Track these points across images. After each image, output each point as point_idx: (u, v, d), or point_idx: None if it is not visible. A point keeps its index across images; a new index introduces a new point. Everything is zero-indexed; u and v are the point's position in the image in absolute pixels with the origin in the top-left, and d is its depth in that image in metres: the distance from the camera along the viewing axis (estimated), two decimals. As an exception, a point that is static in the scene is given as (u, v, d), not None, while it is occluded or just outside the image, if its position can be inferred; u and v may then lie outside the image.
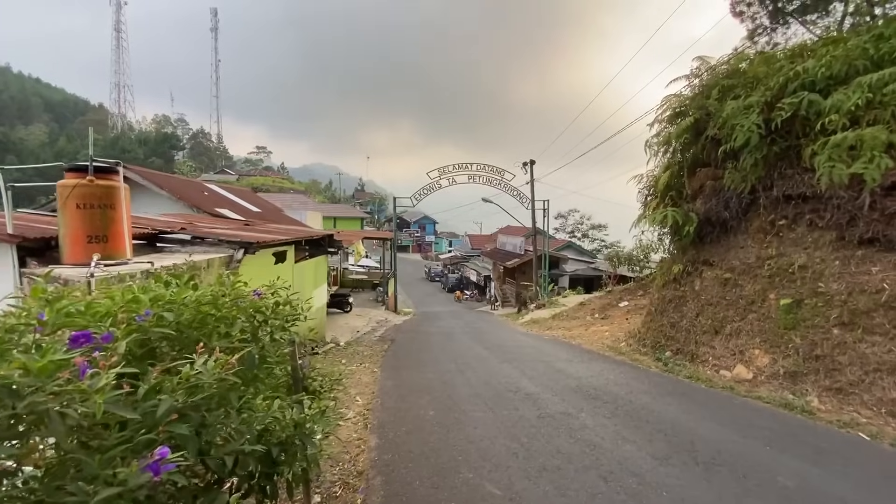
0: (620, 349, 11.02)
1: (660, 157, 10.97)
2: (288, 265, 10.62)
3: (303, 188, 74.51)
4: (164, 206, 13.51)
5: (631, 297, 16.52)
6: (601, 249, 44.81)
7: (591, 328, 14.59)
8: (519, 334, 14.49)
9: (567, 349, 11.22)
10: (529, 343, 12.29)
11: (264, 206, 19.90)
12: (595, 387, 7.22)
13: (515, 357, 9.87)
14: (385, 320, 19.92)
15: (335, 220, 43.52)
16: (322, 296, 13.53)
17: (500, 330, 15.70)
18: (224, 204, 15.43)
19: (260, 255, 9.14)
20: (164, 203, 13.52)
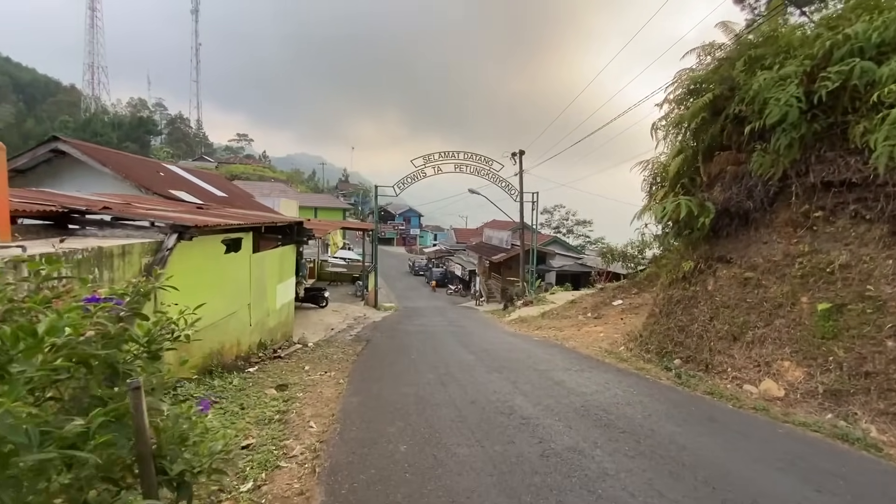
0: (621, 355, 9.77)
1: (669, 140, 9.70)
2: (243, 256, 9.06)
3: (284, 177, 72.04)
4: (109, 185, 11.76)
5: (625, 295, 15.35)
6: (586, 245, 43.93)
7: (584, 328, 13.35)
8: (507, 335, 13.17)
9: (562, 354, 9.92)
10: (519, 346, 10.97)
11: (233, 191, 18.16)
12: (604, 407, 5.90)
13: (505, 365, 8.52)
14: (363, 317, 18.43)
15: (316, 211, 41.65)
16: (289, 291, 11.99)
17: (487, 329, 14.37)
18: (182, 186, 13.70)
19: (204, 244, 7.58)
20: (108, 182, 11.77)
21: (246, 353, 9.19)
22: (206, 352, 7.62)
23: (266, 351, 9.91)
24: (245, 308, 9.24)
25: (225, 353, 8.32)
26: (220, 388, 6.62)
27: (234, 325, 8.67)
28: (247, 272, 9.26)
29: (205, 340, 7.64)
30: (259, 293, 9.89)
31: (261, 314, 10.01)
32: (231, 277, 8.57)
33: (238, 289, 8.92)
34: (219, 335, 8.08)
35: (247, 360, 8.98)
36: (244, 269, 9.16)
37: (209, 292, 7.79)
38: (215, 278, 7.96)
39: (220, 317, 8.14)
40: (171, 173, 15.04)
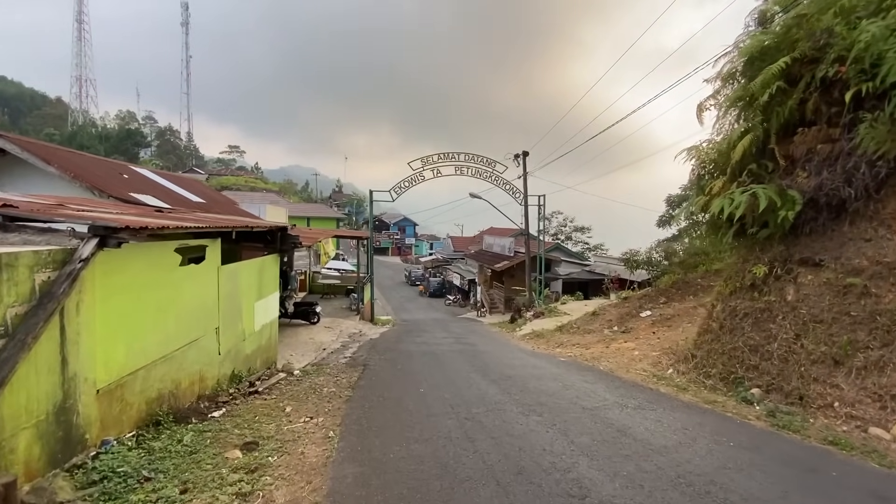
0: (673, 380, 7.94)
1: (728, 121, 7.98)
2: (207, 268, 7.15)
3: (277, 188, 70.05)
4: (58, 187, 9.83)
5: (652, 305, 13.56)
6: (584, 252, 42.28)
7: (614, 345, 11.53)
8: (525, 354, 11.30)
9: (602, 381, 8.07)
10: (547, 370, 9.10)
11: (213, 197, 16.22)
12: (711, 478, 4.05)
13: (541, 400, 6.65)
14: (359, 333, 16.48)
15: (308, 221, 39.70)
16: (272, 308, 10.07)
17: (500, 347, 12.49)
18: (149, 190, 11.77)
19: (149, 253, 5.68)
20: (56, 184, 9.84)
21: (213, 391, 7.24)
22: (151, 396, 5.69)
23: (240, 385, 7.96)
24: (212, 333, 7.31)
25: (181, 394, 6.38)
26: (162, 453, 4.68)
27: (195, 357, 6.74)
28: (214, 288, 7.35)
29: (150, 381, 5.72)
30: (231, 313, 7.97)
31: (234, 339, 8.08)
32: (191, 296, 6.66)
33: (201, 310, 7.00)
34: (172, 371, 6.15)
35: (213, 399, 7.03)
36: (210, 285, 7.24)
37: (157, 317, 5.87)
38: (167, 298, 6.05)
39: (175, 347, 6.21)
40: (139, 176, 13.10)
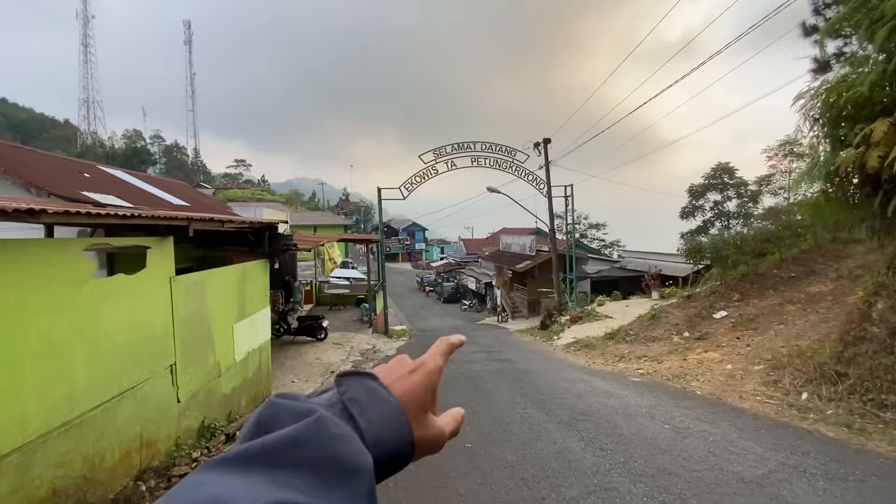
0: (822, 411, 5.46)
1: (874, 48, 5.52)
2: (151, 280, 4.83)
3: (283, 199, 68.31)
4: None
5: (725, 303, 11.03)
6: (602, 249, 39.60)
7: (692, 356, 9.02)
8: (581, 372, 8.83)
9: (715, 414, 5.60)
10: (626, 398, 6.64)
11: (200, 200, 14.00)
12: None
13: (660, 463, 4.22)
14: (372, 349, 14.10)
15: (315, 228, 37.58)
16: (261, 329, 7.74)
17: (545, 363, 10.02)
18: (112, 189, 9.55)
19: (31, 258, 3.39)
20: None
21: (167, 458, 4.89)
22: (37, 496, 3.36)
23: (213, 440, 5.61)
24: (162, 375, 4.97)
25: (105, 476, 4.03)
26: None
27: (131, 414, 4.40)
28: (163, 309, 5.02)
29: (34, 469, 3.39)
30: (196, 343, 5.63)
31: (202, 378, 5.74)
32: (118, 322, 4.33)
33: (141, 342, 4.66)
34: (85, 444, 3.81)
35: (165, 473, 4.68)
36: (156, 305, 4.91)
37: (47, 361, 3.55)
38: (67, 328, 3.74)
39: (88, 406, 3.88)
40: (107, 177, 10.90)
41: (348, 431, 0.39)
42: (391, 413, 0.44)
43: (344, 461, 0.36)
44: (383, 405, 0.44)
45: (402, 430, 0.44)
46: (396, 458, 0.44)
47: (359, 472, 0.36)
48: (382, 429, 0.42)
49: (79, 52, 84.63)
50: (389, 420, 0.43)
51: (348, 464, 0.36)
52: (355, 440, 0.39)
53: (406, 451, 0.44)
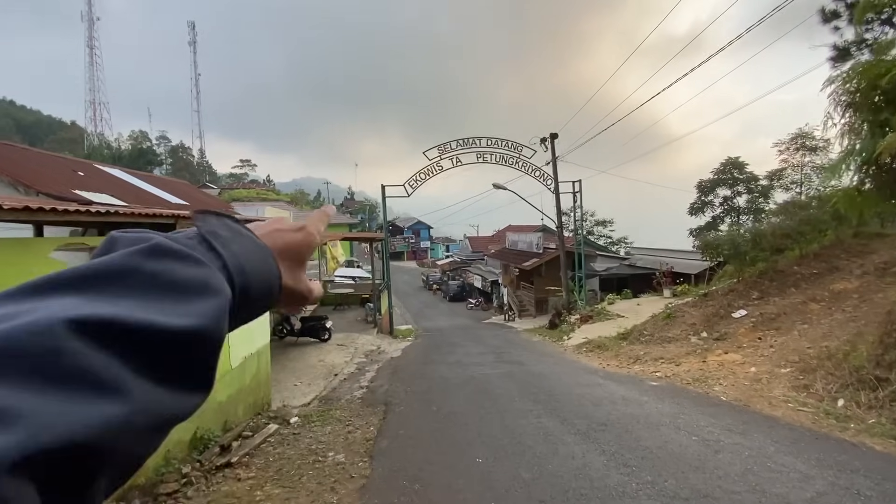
0: (863, 420, 5.00)
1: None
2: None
3: (288, 199, 68.14)
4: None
5: (744, 302, 10.53)
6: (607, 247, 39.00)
7: (711, 358, 8.56)
8: (596, 375, 8.38)
9: (745, 423, 5.16)
10: (647, 404, 6.20)
11: (202, 200, 13.68)
12: None
13: (693, 483, 3.79)
14: (376, 350, 13.74)
15: (319, 228, 37.17)
16: (258, 332, 7.36)
17: (557, 366, 9.59)
18: (106, 188, 9.22)
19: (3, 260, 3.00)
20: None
21: (153, 476, 4.52)
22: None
23: (206, 453, 5.24)
24: (149, 384, 4.59)
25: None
26: None
27: (109, 431, 4.01)
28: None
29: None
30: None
31: (194, 386, 5.36)
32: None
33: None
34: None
35: (151, 491, 4.31)
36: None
37: None
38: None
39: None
40: (104, 175, 10.59)
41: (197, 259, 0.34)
42: (255, 248, 0.40)
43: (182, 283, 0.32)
44: (247, 241, 0.40)
45: (269, 263, 0.41)
46: (263, 292, 0.40)
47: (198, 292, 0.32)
48: (246, 260, 0.38)
49: (84, 54, 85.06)
50: (253, 254, 0.40)
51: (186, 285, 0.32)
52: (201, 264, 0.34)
53: (273, 287, 0.41)
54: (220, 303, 0.34)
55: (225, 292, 0.35)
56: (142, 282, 0.31)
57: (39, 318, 0.25)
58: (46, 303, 0.27)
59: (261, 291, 0.40)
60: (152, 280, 0.31)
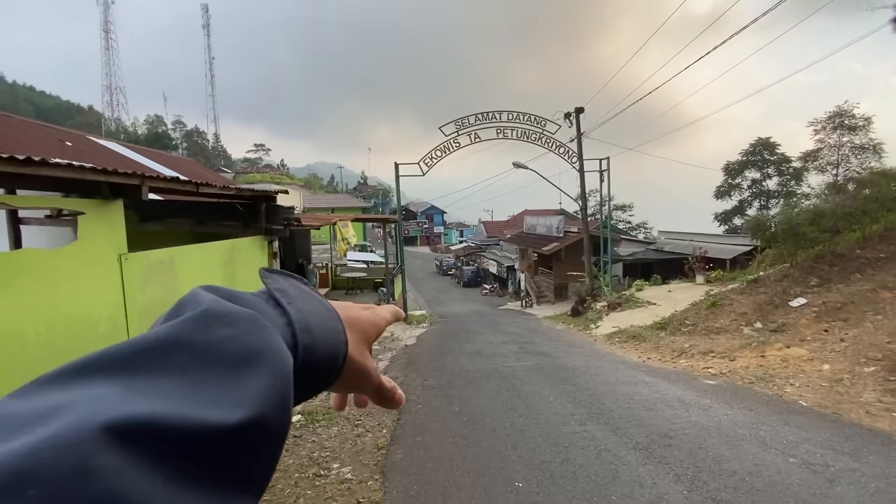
0: None
1: None
2: (91, 257, 3.51)
3: (302, 183, 67.63)
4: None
5: (802, 289, 9.31)
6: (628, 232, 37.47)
7: (770, 353, 7.43)
8: (637, 371, 7.33)
9: (865, 443, 4.08)
10: (709, 409, 5.15)
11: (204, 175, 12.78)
12: None
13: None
14: (390, 337, 12.88)
15: (332, 210, 36.53)
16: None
17: (591, 358, 8.55)
18: (95, 159, 8.33)
19: None
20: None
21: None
22: None
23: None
24: (111, 383, 3.70)
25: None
26: None
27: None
28: (112, 296, 3.74)
29: None
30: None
31: (173, 383, 4.48)
32: (33, 317, 3.05)
33: (76, 341, 3.40)
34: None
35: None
36: (100, 291, 3.63)
37: None
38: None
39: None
40: (93, 146, 9.76)
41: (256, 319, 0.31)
42: (323, 309, 0.38)
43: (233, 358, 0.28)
44: (314, 301, 0.38)
45: (336, 326, 0.38)
46: (328, 356, 0.36)
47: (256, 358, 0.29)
48: (312, 318, 0.35)
49: (100, 39, 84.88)
50: (320, 314, 0.37)
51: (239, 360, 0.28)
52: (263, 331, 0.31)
53: (339, 353, 0.37)
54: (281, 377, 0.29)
55: (286, 360, 0.31)
56: (191, 359, 0.28)
57: (70, 424, 0.22)
58: (86, 393, 0.24)
59: (326, 356, 0.36)
60: (203, 355, 0.28)
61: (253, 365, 0.28)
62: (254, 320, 0.31)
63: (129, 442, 0.23)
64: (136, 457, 0.23)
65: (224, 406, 0.26)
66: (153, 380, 0.26)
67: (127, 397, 0.25)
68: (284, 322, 0.34)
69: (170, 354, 0.28)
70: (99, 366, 0.26)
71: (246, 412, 0.26)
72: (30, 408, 0.23)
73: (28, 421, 0.22)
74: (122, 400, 0.24)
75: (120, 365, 0.27)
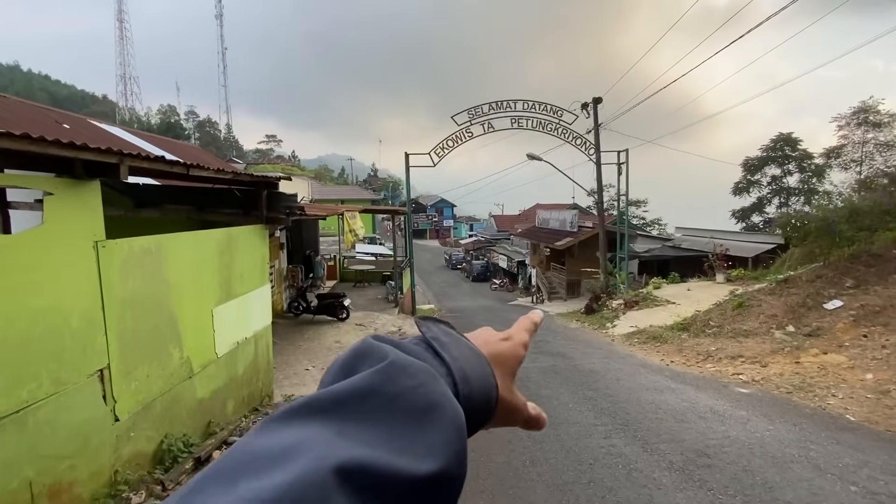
0: None
1: None
2: (61, 243, 3.07)
3: (313, 174, 67.44)
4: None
5: (837, 290, 8.68)
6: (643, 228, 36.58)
7: (805, 359, 6.86)
8: (660, 375, 6.81)
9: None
10: (751, 425, 4.64)
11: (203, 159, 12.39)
12: None
13: None
14: (398, 332, 12.46)
15: (342, 202, 36.17)
16: (256, 313, 6.06)
17: (606, 358, 8.04)
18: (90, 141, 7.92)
19: None
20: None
21: None
22: None
23: (172, 471, 3.99)
24: (86, 384, 3.32)
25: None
26: None
27: (19, 449, 2.76)
28: (87, 288, 3.34)
29: None
30: (149, 335, 3.97)
31: (159, 383, 4.08)
32: None
33: (44, 338, 3.01)
34: None
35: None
36: (73, 282, 3.24)
37: None
38: None
39: None
40: (93, 129, 9.38)
41: (429, 370, 0.34)
42: (473, 356, 0.39)
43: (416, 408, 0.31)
44: (463, 347, 0.40)
45: (486, 371, 0.39)
46: (483, 402, 0.38)
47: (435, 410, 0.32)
48: (468, 367, 0.38)
49: (114, 28, 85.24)
50: (473, 361, 0.39)
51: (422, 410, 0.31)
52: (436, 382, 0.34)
53: (491, 398, 0.39)
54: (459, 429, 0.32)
55: (459, 412, 0.33)
56: (382, 407, 0.31)
57: (308, 466, 0.26)
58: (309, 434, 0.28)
59: (481, 401, 0.37)
60: (391, 405, 0.31)
61: (433, 416, 0.31)
62: (429, 372, 0.33)
63: (352, 484, 0.26)
64: (357, 497, 0.26)
65: (413, 455, 0.28)
66: (356, 427, 0.29)
67: (341, 442, 0.28)
68: (445, 372, 0.35)
69: (365, 402, 0.30)
70: (311, 410, 0.30)
71: (435, 464, 0.29)
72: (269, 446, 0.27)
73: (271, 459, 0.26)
74: (339, 445, 0.27)
75: (329, 410, 0.30)
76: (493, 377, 0.39)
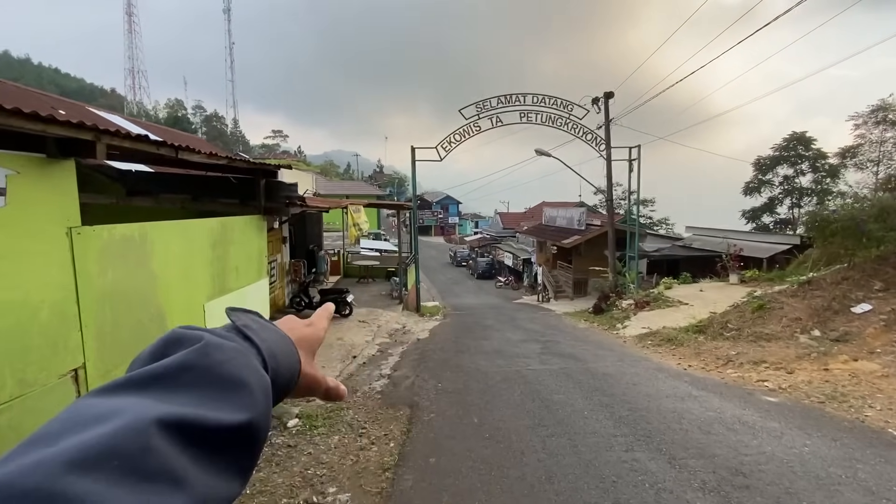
0: None
1: None
2: (28, 229, 2.73)
3: (318, 170, 67.25)
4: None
5: (865, 293, 8.22)
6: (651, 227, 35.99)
7: (835, 365, 6.44)
8: (680, 380, 6.41)
9: None
10: (787, 439, 4.25)
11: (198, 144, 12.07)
12: None
13: None
14: (401, 330, 12.14)
15: (347, 197, 35.90)
16: (252, 308, 5.72)
17: (619, 360, 7.65)
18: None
19: None
20: None
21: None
22: None
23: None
24: (59, 385, 2.98)
25: None
26: None
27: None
28: (60, 278, 3.00)
29: None
30: (132, 331, 3.63)
31: (143, 383, 3.75)
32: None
33: (10, 334, 2.68)
34: None
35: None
36: (44, 271, 2.89)
37: None
38: None
39: None
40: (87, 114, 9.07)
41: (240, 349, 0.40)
42: (280, 338, 0.47)
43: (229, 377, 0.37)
44: (271, 331, 0.47)
45: (291, 349, 0.47)
46: (288, 375, 0.46)
47: (244, 385, 0.37)
48: (275, 346, 0.44)
49: (123, 22, 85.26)
50: (280, 342, 0.46)
51: (233, 379, 0.37)
52: (246, 357, 0.40)
53: (295, 371, 0.47)
54: (265, 392, 0.39)
55: (266, 381, 0.40)
56: (197, 378, 0.36)
57: (132, 418, 0.30)
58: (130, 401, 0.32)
59: (287, 375, 0.45)
60: (207, 375, 0.36)
61: (243, 382, 0.37)
62: (239, 350, 0.40)
63: (171, 432, 0.31)
64: (175, 443, 0.31)
65: (227, 411, 0.35)
66: (174, 394, 0.34)
67: (160, 404, 0.32)
68: (255, 353, 0.42)
69: (182, 375, 0.35)
70: (129, 385, 0.34)
71: (245, 416, 0.35)
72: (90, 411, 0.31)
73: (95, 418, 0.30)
74: (158, 406, 0.32)
75: (147, 384, 0.34)
76: (297, 354, 0.47)
